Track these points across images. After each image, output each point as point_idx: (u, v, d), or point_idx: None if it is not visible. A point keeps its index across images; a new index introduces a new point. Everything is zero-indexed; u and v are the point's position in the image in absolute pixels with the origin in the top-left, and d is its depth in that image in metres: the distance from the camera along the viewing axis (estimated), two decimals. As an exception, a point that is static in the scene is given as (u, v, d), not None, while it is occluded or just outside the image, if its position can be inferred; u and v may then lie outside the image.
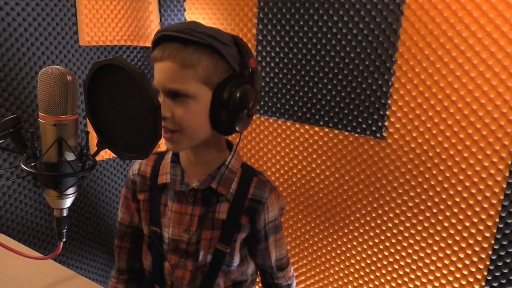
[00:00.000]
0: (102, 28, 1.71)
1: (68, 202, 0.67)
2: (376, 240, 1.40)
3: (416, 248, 1.33)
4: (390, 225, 1.36)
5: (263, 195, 0.89)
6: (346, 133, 1.39)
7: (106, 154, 1.83)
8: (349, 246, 1.47)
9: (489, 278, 1.21)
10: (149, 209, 0.92)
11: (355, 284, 1.49)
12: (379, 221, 1.38)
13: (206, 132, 0.81)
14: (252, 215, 0.89)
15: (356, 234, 1.44)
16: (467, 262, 1.25)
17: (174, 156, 0.91)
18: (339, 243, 1.49)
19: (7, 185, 1.43)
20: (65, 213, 0.69)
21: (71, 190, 0.66)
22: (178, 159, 0.91)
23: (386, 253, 1.40)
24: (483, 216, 1.19)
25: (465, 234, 1.23)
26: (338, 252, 1.50)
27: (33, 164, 0.63)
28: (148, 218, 0.93)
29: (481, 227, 1.20)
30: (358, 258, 1.46)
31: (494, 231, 1.18)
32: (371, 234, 1.41)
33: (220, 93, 0.76)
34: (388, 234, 1.37)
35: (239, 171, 0.89)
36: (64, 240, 0.71)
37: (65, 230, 0.70)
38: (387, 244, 1.38)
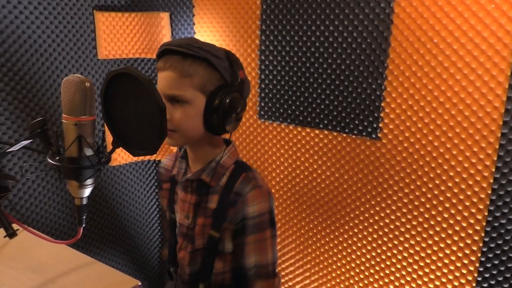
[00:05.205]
0: (118, 43, 1.85)
1: (87, 191, 0.79)
2: (375, 236, 1.48)
3: (412, 242, 1.40)
4: (387, 220, 1.44)
5: (244, 189, 0.94)
6: (344, 135, 1.48)
7: (122, 160, 1.96)
8: (349, 242, 1.55)
9: (481, 269, 1.27)
10: (168, 197, 1.08)
11: (356, 279, 1.56)
12: (376, 217, 1.46)
13: (199, 132, 0.93)
14: (235, 207, 0.94)
15: (356, 230, 1.52)
16: (460, 254, 1.31)
17: (183, 153, 1.05)
18: (341, 239, 1.57)
19: (31, 186, 1.56)
20: (84, 201, 0.80)
21: (89, 181, 0.78)
22: (186, 155, 1.04)
23: (384, 248, 1.47)
24: (473, 210, 1.26)
25: (457, 228, 1.30)
26: (340, 248, 1.58)
27: (58, 158, 0.75)
28: (167, 204, 1.09)
29: (472, 221, 1.27)
30: (358, 253, 1.54)
31: (484, 224, 1.25)
32: (370, 230, 1.49)
33: (212, 99, 0.89)
34: (386, 230, 1.45)
35: (232, 167, 0.98)
36: (83, 225, 0.82)
37: (84, 217, 0.82)
38: (385, 239, 1.46)
